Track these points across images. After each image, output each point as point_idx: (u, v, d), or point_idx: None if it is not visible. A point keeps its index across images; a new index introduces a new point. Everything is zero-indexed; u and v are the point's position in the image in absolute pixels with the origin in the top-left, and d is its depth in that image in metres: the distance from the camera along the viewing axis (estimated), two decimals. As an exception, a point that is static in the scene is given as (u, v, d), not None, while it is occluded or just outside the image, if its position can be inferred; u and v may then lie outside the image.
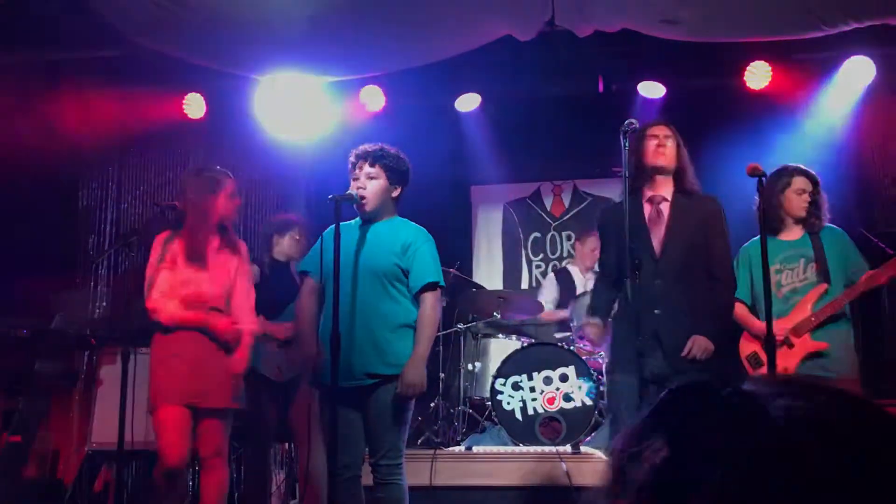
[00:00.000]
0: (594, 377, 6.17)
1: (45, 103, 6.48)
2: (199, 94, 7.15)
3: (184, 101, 7.16)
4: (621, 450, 0.74)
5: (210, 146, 7.32)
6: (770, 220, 4.59)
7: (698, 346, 4.03)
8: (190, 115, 7.19)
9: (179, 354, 4.42)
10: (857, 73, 6.59)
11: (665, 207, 4.25)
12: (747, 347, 4.72)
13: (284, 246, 5.59)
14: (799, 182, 4.66)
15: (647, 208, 4.27)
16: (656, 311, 4.08)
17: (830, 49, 6.38)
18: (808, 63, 6.71)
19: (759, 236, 4.68)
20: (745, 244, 4.84)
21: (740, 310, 4.68)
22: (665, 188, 4.28)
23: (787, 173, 4.70)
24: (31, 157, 6.44)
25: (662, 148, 4.22)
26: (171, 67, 6.36)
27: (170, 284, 4.46)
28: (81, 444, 6.19)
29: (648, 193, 4.27)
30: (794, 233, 4.69)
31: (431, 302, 4.11)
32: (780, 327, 4.46)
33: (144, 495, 5.76)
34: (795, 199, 4.65)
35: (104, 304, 7.23)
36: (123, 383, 4.30)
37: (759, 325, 4.56)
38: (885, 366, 5.31)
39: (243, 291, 4.63)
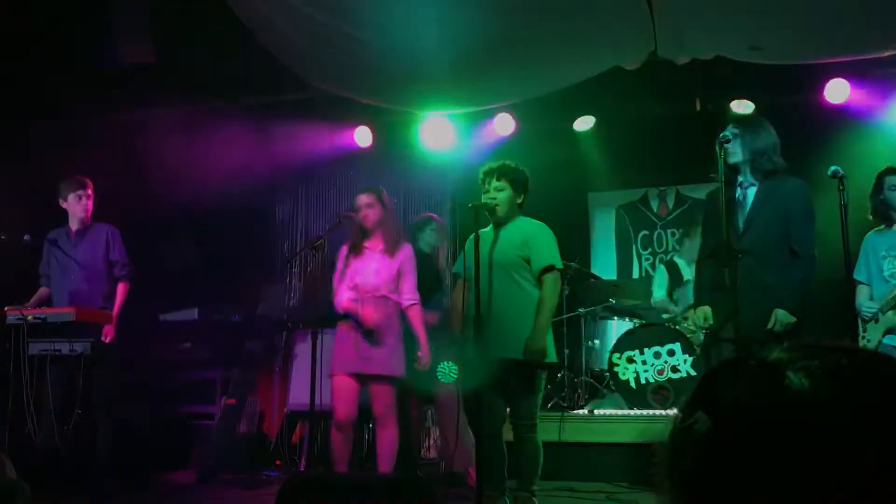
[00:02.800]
0: (696, 352, 6.02)
1: (249, 138, 6.80)
2: (366, 126, 7.36)
3: (354, 132, 7.39)
4: (673, 427, 0.69)
5: (376, 168, 7.52)
6: (881, 217, 4.53)
7: (779, 320, 3.77)
8: (359, 144, 7.42)
9: (347, 334, 4.59)
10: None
11: (750, 191, 4.03)
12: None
13: (427, 238, 5.63)
14: (890, 180, 4.46)
15: (738, 192, 4.06)
16: (742, 284, 3.86)
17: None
18: (883, 77, 6.33)
19: (874, 229, 4.55)
20: (867, 235, 4.66)
21: (859, 291, 4.54)
22: (748, 175, 4.04)
23: (882, 174, 4.52)
24: (240, 182, 6.77)
25: (729, 148, 3.98)
26: (343, 105, 6.56)
27: (344, 283, 4.66)
28: (281, 406, 6.45)
29: (739, 181, 4.10)
30: None
31: (550, 282, 4.11)
32: (869, 306, 4.39)
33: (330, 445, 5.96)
34: (890, 195, 4.46)
35: (297, 294, 7.53)
36: (313, 357, 4.47)
37: (860, 301, 4.51)
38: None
39: (408, 282, 4.70)
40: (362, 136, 7.39)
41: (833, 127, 6.49)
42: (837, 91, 6.42)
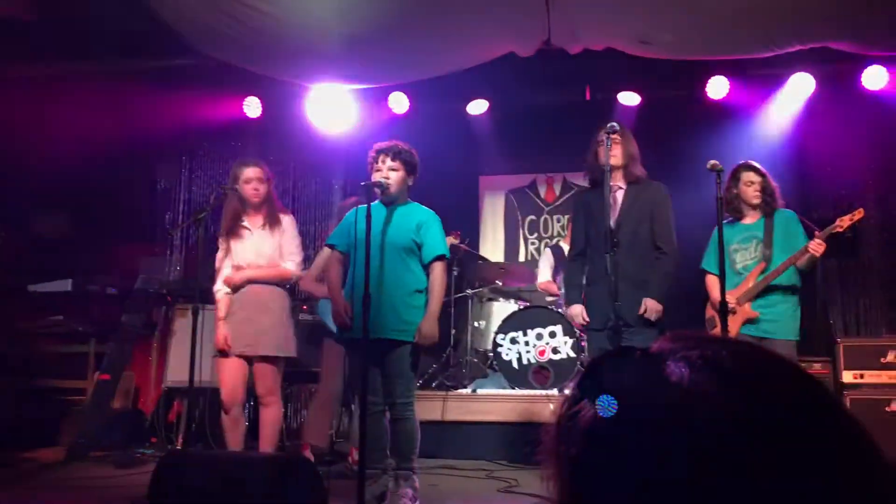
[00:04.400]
0: (577, 335, 6.20)
1: (131, 103, 6.50)
2: (256, 97, 7.17)
3: (243, 103, 7.18)
4: (560, 413, 0.71)
5: (265, 140, 7.35)
6: (733, 209, 4.69)
7: (649, 308, 4.11)
8: (248, 114, 7.22)
9: (234, 312, 4.49)
10: (799, 87, 6.55)
11: (619, 194, 4.32)
12: (709, 312, 4.73)
13: None
14: (748, 175, 4.66)
15: (607, 193, 4.30)
16: (612, 278, 4.12)
17: (778, 66, 6.34)
18: (760, 77, 6.66)
19: (727, 220, 4.73)
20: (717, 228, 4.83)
21: (709, 280, 4.69)
22: (619, 179, 4.34)
23: (739, 169, 4.71)
24: (120, 149, 6.48)
25: (612, 151, 4.24)
26: (233, 74, 6.36)
27: (224, 263, 4.55)
28: (158, 382, 6.26)
29: (610, 183, 4.30)
30: (751, 217, 4.68)
31: (440, 270, 4.18)
32: (727, 298, 4.49)
33: (209, 423, 5.82)
34: (746, 189, 4.66)
35: (178, 268, 7.29)
36: (194, 333, 4.34)
37: (715, 295, 4.59)
38: (814, 329, 5.28)
39: (287, 249, 4.62)
40: (252, 107, 7.20)
41: (712, 121, 6.78)
42: (718, 87, 6.70)
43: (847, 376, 5.33)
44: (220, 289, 4.58)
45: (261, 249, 4.55)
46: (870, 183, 6.80)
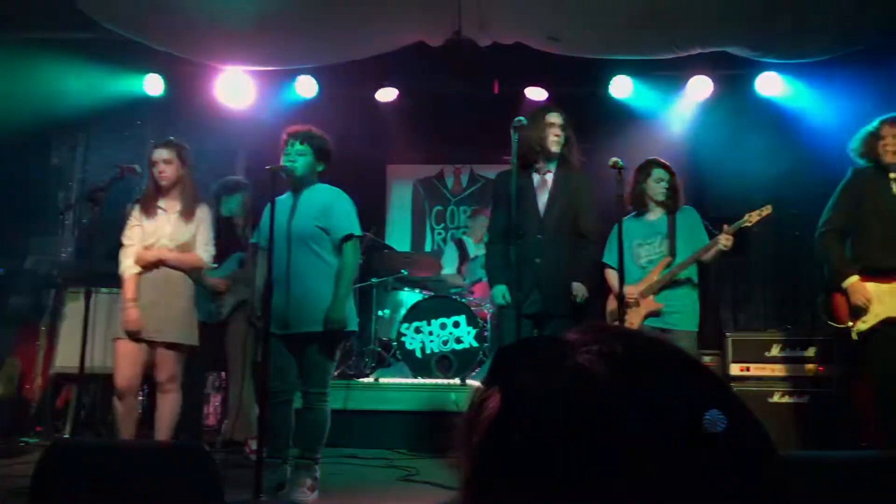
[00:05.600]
0: (480, 325, 6.27)
1: (25, 77, 6.17)
2: (158, 74, 6.91)
3: (144, 80, 6.91)
4: (470, 401, 0.71)
5: (166, 119, 7.10)
6: (638, 204, 4.77)
7: (580, 292, 4.24)
8: (149, 92, 6.95)
9: (142, 294, 4.33)
10: (698, 89, 6.77)
11: (549, 177, 4.39)
12: (611, 304, 4.82)
13: (232, 206, 5.43)
14: (657, 172, 4.76)
15: (536, 179, 4.37)
16: (537, 261, 4.21)
17: (680, 69, 6.55)
18: (663, 79, 6.85)
19: (629, 216, 4.84)
20: (620, 222, 4.93)
21: (609, 274, 4.76)
22: (551, 163, 4.41)
23: (647, 165, 4.79)
24: (12, 124, 6.14)
25: (557, 136, 4.34)
26: (135, 50, 6.12)
27: (134, 240, 4.37)
28: (46, 368, 5.98)
29: (538, 166, 4.37)
30: (655, 214, 4.77)
31: (350, 251, 4.11)
32: (631, 291, 4.61)
33: (99, 411, 5.61)
34: (654, 186, 4.74)
35: (70, 249, 6.98)
36: (86, 317, 4.17)
37: (616, 288, 4.70)
38: (705, 324, 5.48)
39: (201, 240, 4.48)
40: (153, 85, 6.93)
41: (616, 120, 6.95)
42: (622, 87, 6.87)
43: (734, 369, 5.57)
44: (128, 267, 4.35)
45: (175, 235, 4.38)
46: (762, 185, 7.11)
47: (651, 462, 0.59)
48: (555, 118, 4.37)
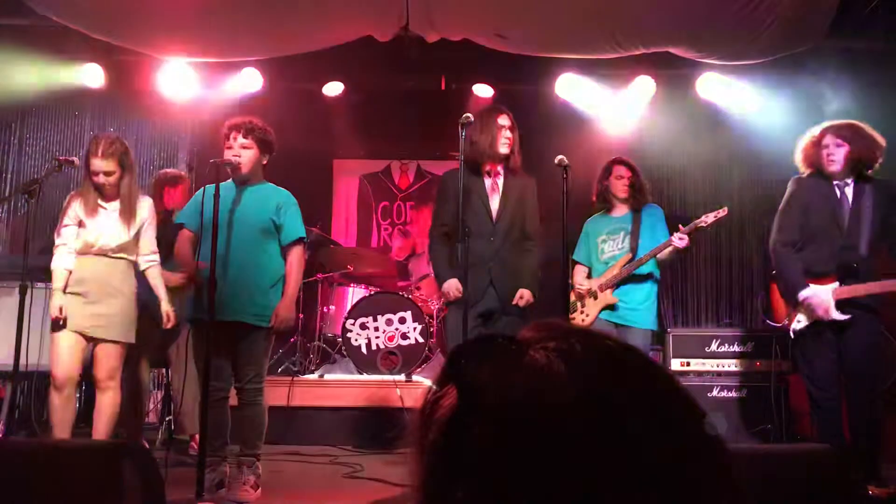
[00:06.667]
0: (426, 321, 6.28)
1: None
2: (97, 64, 6.72)
3: (83, 70, 6.71)
4: (425, 398, 0.71)
5: (106, 110, 6.93)
6: (603, 201, 4.87)
7: (525, 297, 4.25)
8: (88, 83, 6.75)
9: (85, 291, 4.22)
10: (642, 89, 6.87)
11: (499, 180, 4.41)
12: (572, 297, 4.85)
13: (175, 197, 5.32)
14: (618, 170, 4.82)
15: (488, 182, 4.39)
16: (490, 264, 4.27)
17: (624, 68, 6.64)
18: (607, 78, 6.94)
19: (596, 214, 4.92)
20: (588, 220, 5.01)
21: (577, 270, 4.89)
22: (500, 165, 4.42)
23: (612, 163, 4.87)
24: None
25: (509, 139, 4.35)
26: (73, 39, 5.96)
27: (68, 241, 4.25)
28: (-23, 365, 5.78)
29: (488, 169, 4.38)
30: (620, 210, 4.84)
31: (299, 253, 4.11)
32: (587, 283, 4.75)
33: (35, 409, 5.45)
34: (616, 183, 4.81)
35: (3, 242, 6.77)
36: (20, 312, 4.05)
37: (579, 281, 4.86)
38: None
39: (147, 240, 4.38)
40: (92, 75, 6.73)
41: (559, 117, 7.02)
42: (567, 85, 6.93)
43: (675, 364, 5.70)
44: (63, 262, 4.24)
45: (115, 232, 4.27)
46: (704, 186, 7.28)
47: (608, 460, 0.60)
48: (505, 121, 4.37)
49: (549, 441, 0.61)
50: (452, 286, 4.29)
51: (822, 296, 4.10)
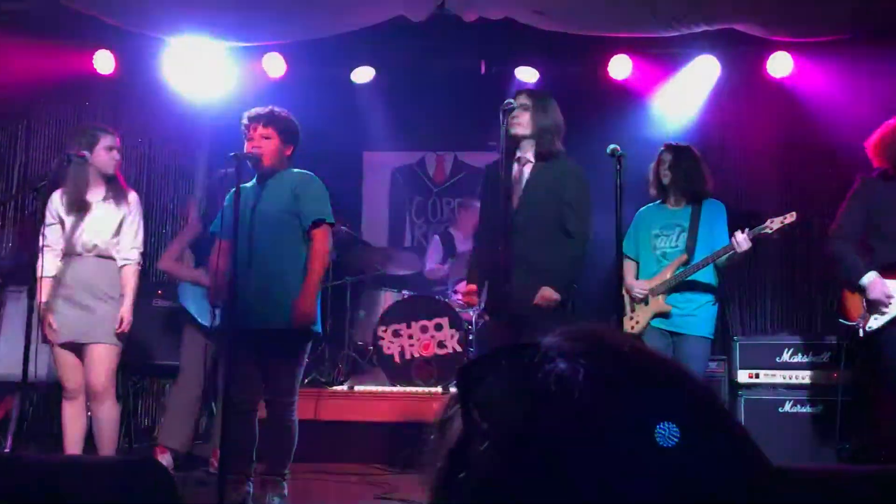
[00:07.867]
0: (465, 328, 6.26)
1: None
2: (108, 51, 6.83)
3: (93, 57, 6.82)
4: (436, 419, 0.71)
5: (118, 101, 7.03)
6: (658, 191, 4.74)
7: (545, 296, 4.07)
8: (99, 71, 6.87)
9: (68, 297, 4.31)
10: (704, 70, 6.78)
11: (527, 168, 4.29)
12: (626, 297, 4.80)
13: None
14: (662, 154, 4.71)
15: (514, 169, 4.31)
16: (516, 262, 4.16)
17: (683, 47, 6.56)
18: (664, 58, 6.86)
19: (651, 204, 4.83)
20: (640, 210, 4.90)
21: (626, 266, 4.73)
22: (529, 151, 4.30)
23: (662, 150, 4.75)
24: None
25: (516, 119, 4.22)
26: (83, 23, 6.06)
27: (52, 242, 4.35)
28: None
29: (517, 155, 4.32)
30: (677, 202, 4.72)
31: (321, 238, 4.07)
32: (641, 287, 4.61)
33: (45, 422, 5.57)
34: (658, 168, 4.70)
35: (10, 244, 6.90)
36: (29, 319, 4.13)
37: (629, 282, 4.71)
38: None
39: (128, 237, 4.46)
40: (103, 62, 6.84)
41: (614, 102, 6.96)
42: (620, 67, 6.87)
43: (742, 375, 5.61)
44: (48, 271, 4.36)
45: (101, 227, 4.36)
46: (773, 178, 7.15)
47: (626, 482, 0.58)
48: (522, 99, 4.28)
49: (555, 474, 0.59)
50: (465, 295, 4.29)
51: (886, 283, 4.10)
